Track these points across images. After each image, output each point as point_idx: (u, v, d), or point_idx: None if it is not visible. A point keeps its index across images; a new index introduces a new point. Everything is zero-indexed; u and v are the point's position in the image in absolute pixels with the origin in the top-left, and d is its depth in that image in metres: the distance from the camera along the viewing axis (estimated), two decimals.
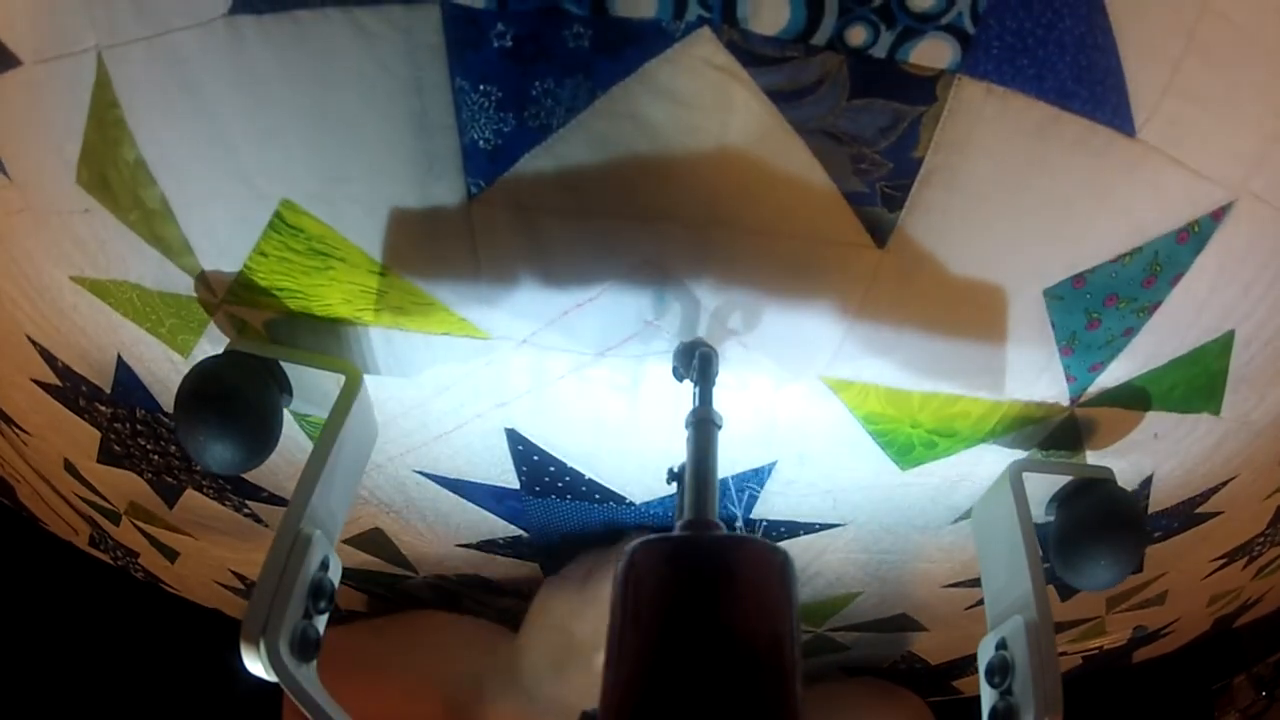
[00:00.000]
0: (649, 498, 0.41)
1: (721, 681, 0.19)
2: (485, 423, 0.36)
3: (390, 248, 0.29)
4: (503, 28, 0.23)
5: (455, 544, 0.47)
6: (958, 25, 0.23)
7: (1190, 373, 0.33)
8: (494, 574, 0.50)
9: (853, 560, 0.44)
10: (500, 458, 0.38)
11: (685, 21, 0.23)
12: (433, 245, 0.28)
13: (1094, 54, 0.24)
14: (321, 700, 0.27)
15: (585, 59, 0.24)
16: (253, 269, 0.30)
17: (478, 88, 0.24)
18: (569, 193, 0.26)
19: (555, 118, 0.25)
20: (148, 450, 0.45)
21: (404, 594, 0.55)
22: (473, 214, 0.27)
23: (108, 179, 0.29)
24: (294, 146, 0.27)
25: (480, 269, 0.29)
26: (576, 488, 0.40)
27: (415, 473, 0.40)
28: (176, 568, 0.59)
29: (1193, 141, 0.26)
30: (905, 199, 0.26)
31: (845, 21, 0.23)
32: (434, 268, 0.29)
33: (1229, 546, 0.49)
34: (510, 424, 0.36)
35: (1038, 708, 0.28)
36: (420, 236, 0.28)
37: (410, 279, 0.29)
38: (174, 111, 0.27)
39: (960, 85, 0.24)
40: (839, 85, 0.24)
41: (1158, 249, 0.28)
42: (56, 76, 0.28)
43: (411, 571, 0.52)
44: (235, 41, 0.25)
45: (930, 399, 0.33)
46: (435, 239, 0.28)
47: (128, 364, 0.38)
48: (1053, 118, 0.25)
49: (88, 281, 0.34)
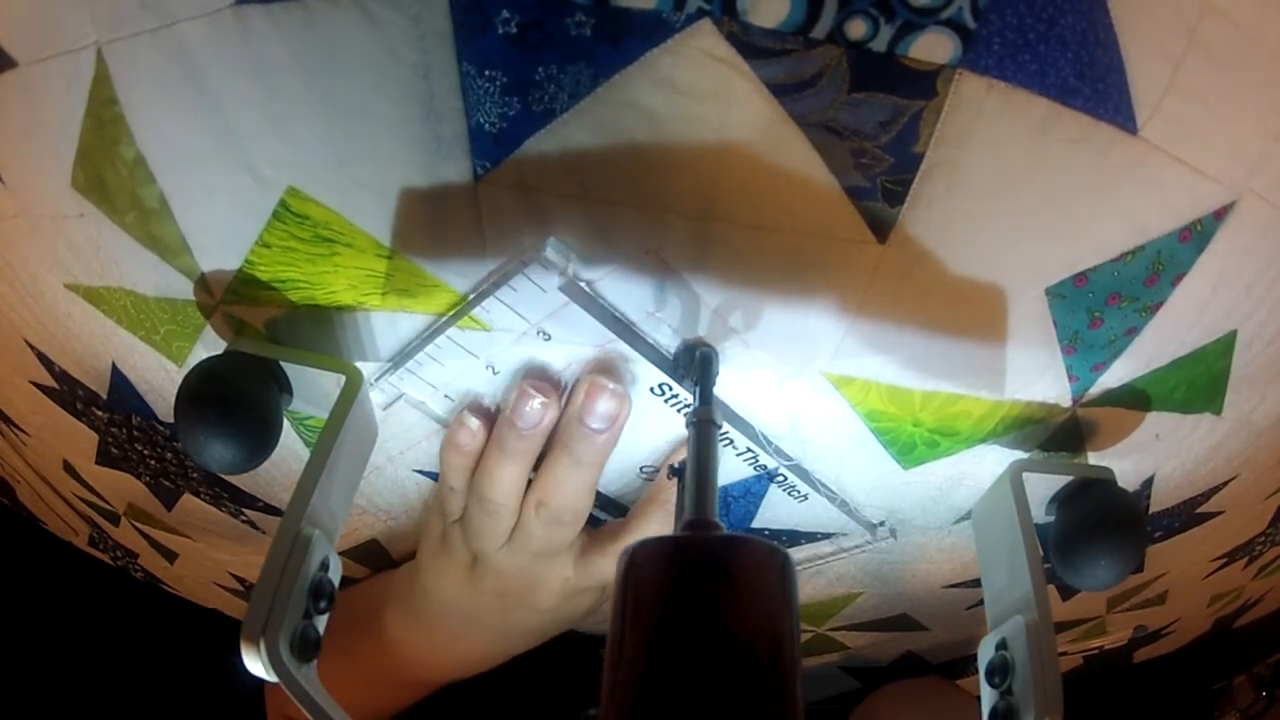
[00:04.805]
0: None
1: (721, 682, 0.19)
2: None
3: (398, 230, 0.29)
4: (508, 14, 0.24)
5: None
6: (958, 20, 0.23)
7: (1192, 373, 0.33)
8: None
9: (854, 560, 0.44)
10: None
11: (685, 13, 0.23)
12: (440, 226, 0.28)
13: (1096, 50, 0.24)
14: (321, 700, 0.27)
15: (587, 47, 0.24)
16: (255, 263, 0.30)
17: (484, 73, 0.25)
18: (571, 176, 0.26)
19: (559, 103, 0.25)
20: (144, 455, 0.45)
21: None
22: (479, 194, 0.27)
23: (104, 180, 0.29)
24: (301, 133, 0.27)
25: (486, 249, 0.29)
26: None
27: (415, 472, 0.40)
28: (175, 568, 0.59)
29: (1195, 140, 0.26)
30: (906, 194, 0.26)
31: (845, 15, 0.23)
32: (441, 249, 0.29)
33: (1230, 546, 0.49)
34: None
35: (1038, 708, 0.28)
36: (428, 218, 0.28)
37: (417, 261, 0.29)
38: (177, 105, 0.27)
39: (961, 80, 0.24)
40: (839, 78, 0.24)
41: (1160, 248, 0.28)
42: (52, 75, 0.27)
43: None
44: (243, 31, 0.25)
45: (932, 397, 0.32)
46: (442, 219, 0.28)
47: (122, 372, 0.38)
48: (1054, 114, 0.25)
49: (81, 289, 0.34)
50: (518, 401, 0.33)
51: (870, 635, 0.54)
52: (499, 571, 0.38)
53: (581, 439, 0.33)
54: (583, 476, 0.34)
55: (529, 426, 0.33)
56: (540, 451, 0.34)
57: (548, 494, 0.35)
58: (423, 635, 0.44)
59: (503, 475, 0.34)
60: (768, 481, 0.38)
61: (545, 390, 0.32)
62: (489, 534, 0.36)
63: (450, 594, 0.41)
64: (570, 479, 0.34)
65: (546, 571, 0.39)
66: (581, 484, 0.35)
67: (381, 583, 0.48)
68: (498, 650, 0.45)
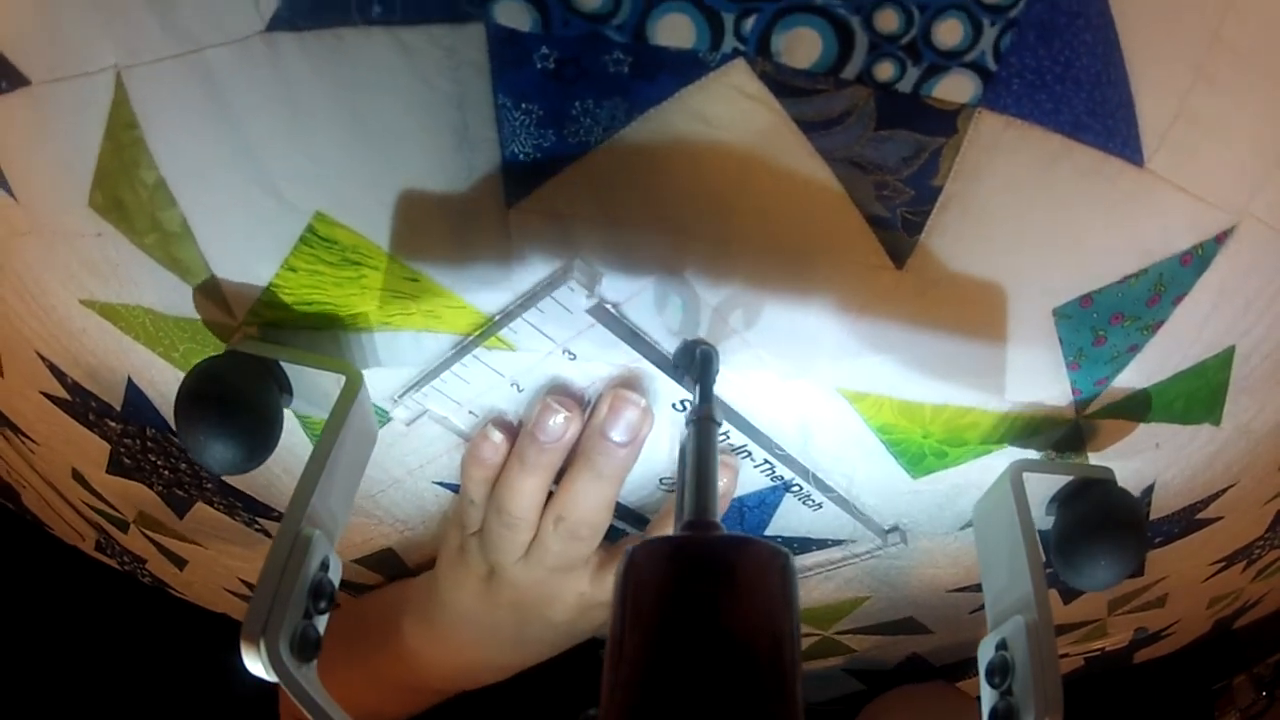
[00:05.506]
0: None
1: (721, 682, 0.20)
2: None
3: (426, 254, 0.29)
4: (547, 50, 0.24)
5: None
6: (980, 63, 0.24)
7: (1192, 385, 0.34)
8: None
9: (863, 565, 0.45)
10: None
11: (721, 52, 0.24)
12: (469, 250, 0.29)
13: (1108, 89, 0.25)
14: (321, 700, 0.27)
15: (624, 83, 0.24)
16: (280, 285, 0.30)
17: (520, 105, 0.25)
18: (601, 203, 0.27)
19: (594, 135, 0.25)
20: (158, 465, 0.45)
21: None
22: (509, 219, 0.27)
23: (123, 201, 0.29)
24: (331, 160, 0.27)
25: (514, 272, 0.29)
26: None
27: (435, 484, 0.41)
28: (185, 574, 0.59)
29: (1198, 169, 0.27)
30: (924, 224, 0.27)
31: (874, 57, 0.24)
32: (469, 272, 0.29)
33: (1229, 550, 0.50)
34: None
35: (1038, 708, 0.28)
36: (457, 243, 0.28)
37: (445, 284, 0.30)
38: (200, 130, 0.27)
39: (980, 118, 0.25)
40: (866, 116, 0.25)
41: (1162, 270, 0.29)
42: (67, 96, 0.27)
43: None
44: (273, 59, 0.25)
45: (942, 410, 0.33)
46: (472, 244, 0.28)
47: (138, 386, 0.38)
48: (1066, 148, 0.26)
49: (98, 305, 0.34)
50: (541, 415, 0.33)
51: (876, 638, 0.55)
52: (515, 584, 0.39)
53: (603, 452, 0.33)
54: (602, 491, 0.35)
55: (551, 440, 0.33)
56: (560, 467, 0.35)
57: (567, 508, 0.35)
58: (438, 644, 0.44)
59: (523, 488, 0.35)
60: (783, 491, 0.39)
61: (568, 405, 0.33)
62: (507, 547, 0.37)
63: (466, 605, 0.41)
64: (590, 493, 0.35)
65: (563, 585, 0.39)
66: (601, 498, 0.35)
67: (398, 591, 0.49)
68: (512, 661, 0.45)
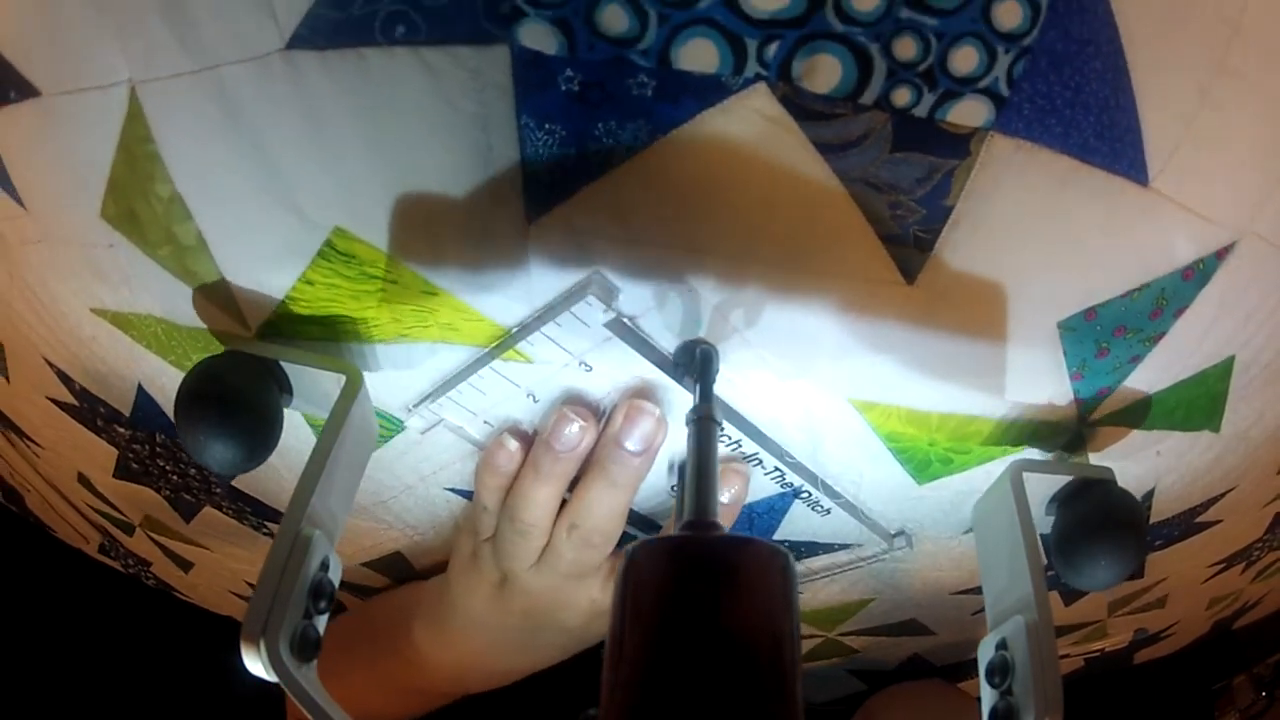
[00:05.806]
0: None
1: (722, 682, 0.20)
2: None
3: (445, 269, 0.29)
4: (571, 73, 0.24)
5: None
6: (994, 89, 0.25)
7: (1192, 394, 0.35)
8: None
9: (868, 569, 0.46)
10: None
11: (743, 77, 0.24)
12: (488, 265, 0.29)
13: (1116, 114, 0.26)
14: (321, 700, 0.27)
15: (647, 106, 0.25)
16: (296, 299, 0.31)
17: (543, 126, 0.25)
18: (620, 221, 0.27)
19: (615, 156, 0.26)
20: (167, 470, 0.45)
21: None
22: (529, 235, 0.28)
23: (137, 213, 0.29)
24: (351, 176, 0.27)
25: (532, 287, 0.29)
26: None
27: (447, 490, 0.41)
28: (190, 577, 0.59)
29: (1201, 189, 0.28)
30: (935, 241, 0.28)
31: (892, 83, 0.24)
32: (488, 286, 0.30)
33: (1228, 552, 0.51)
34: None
35: (1038, 708, 0.28)
36: (477, 257, 0.29)
37: (463, 297, 0.30)
38: (218, 145, 0.27)
39: (992, 141, 0.26)
40: (882, 139, 0.25)
41: (1164, 285, 0.30)
42: (79, 109, 0.27)
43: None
44: (293, 76, 0.25)
45: (948, 419, 0.34)
46: (491, 259, 0.29)
47: (149, 393, 0.38)
48: (1074, 170, 0.26)
49: (109, 314, 0.34)
50: (556, 424, 0.34)
51: (879, 639, 0.56)
52: (527, 591, 0.39)
53: (617, 461, 0.34)
54: (616, 499, 0.35)
55: (566, 449, 0.34)
56: (574, 476, 0.36)
57: (580, 516, 0.36)
58: (449, 649, 0.45)
59: (537, 496, 0.35)
60: (792, 497, 0.39)
61: (584, 414, 0.34)
62: (519, 554, 0.37)
63: (478, 611, 0.41)
64: (603, 501, 0.35)
65: (574, 592, 0.39)
66: (614, 507, 0.36)
67: (408, 595, 0.49)
68: (522, 666, 0.46)
